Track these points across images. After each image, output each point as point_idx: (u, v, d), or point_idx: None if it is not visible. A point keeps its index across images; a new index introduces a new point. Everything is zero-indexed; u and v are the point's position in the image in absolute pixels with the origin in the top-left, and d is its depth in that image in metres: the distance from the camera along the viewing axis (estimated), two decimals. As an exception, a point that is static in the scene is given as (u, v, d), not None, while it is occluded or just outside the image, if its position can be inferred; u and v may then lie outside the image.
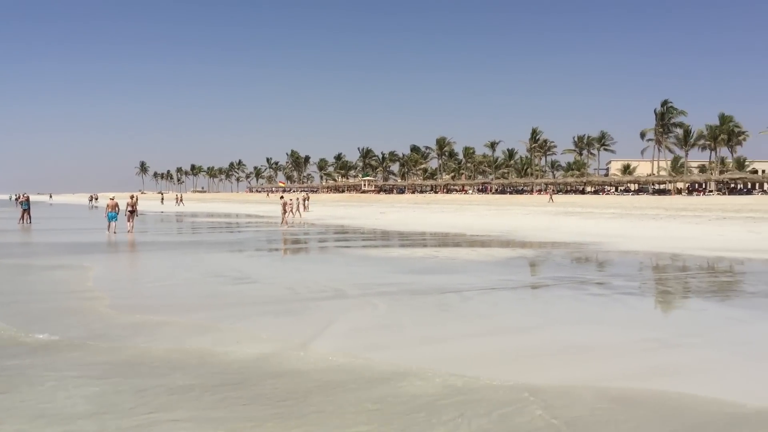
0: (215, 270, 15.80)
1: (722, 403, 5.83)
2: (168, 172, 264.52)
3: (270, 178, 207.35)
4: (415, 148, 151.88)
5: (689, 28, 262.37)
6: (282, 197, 39.40)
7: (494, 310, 10.50)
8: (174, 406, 5.87)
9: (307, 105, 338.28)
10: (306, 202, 60.20)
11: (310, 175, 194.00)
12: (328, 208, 65.79)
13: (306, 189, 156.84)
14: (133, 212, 29.96)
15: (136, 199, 31.48)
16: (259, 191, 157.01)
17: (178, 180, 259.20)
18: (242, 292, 12.48)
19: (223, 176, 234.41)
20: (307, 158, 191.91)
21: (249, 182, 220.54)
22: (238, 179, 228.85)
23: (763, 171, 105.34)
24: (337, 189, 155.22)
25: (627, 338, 8.34)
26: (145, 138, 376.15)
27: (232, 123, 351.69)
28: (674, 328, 9.21)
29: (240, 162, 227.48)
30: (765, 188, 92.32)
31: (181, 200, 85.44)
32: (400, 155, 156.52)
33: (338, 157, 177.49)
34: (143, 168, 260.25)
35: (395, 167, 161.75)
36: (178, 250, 22.22)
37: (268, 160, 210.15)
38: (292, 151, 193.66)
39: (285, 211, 36.31)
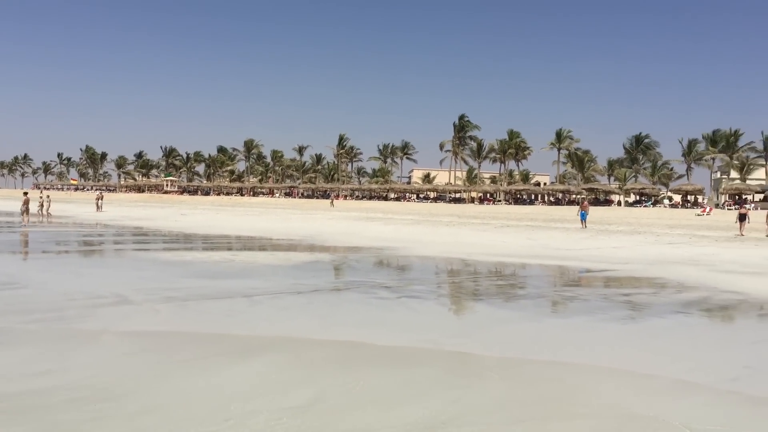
0: (-22, 275, 14.18)
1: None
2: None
3: (61, 175, 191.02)
4: (222, 149, 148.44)
5: (485, 51, 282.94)
6: (26, 193, 38.09)
7: (281, 314, 10.49)
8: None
9: (105, 99, 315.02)
10: (99, 201, 56.57)
11: (107, 173, 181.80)
12: (126, 209, 62.25)
13: (101, 188, 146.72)
14: None
15: None
16: (47, 188, 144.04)
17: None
18: (7, 298, 11.28)
19: (5, 171, 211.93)
20: (104, 155, 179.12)
21: (36, 178, 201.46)
22: (23, 175, 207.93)
23: (544, 183, 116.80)
24: (138, 189, 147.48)
25: (403, 339, 8.72)
26: None
27: (18, 113, 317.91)
28: (447, 329, 9.79)
29: (26, 156, 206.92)
30: (545, 199, 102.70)
31: None
32: (206, 156, 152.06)
33: (139, 155, 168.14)
34: None
35: (201, 168, 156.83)
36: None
37: (59, 155, 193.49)
38: (87, 146, 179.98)
39: (27, 207, 35.07)
